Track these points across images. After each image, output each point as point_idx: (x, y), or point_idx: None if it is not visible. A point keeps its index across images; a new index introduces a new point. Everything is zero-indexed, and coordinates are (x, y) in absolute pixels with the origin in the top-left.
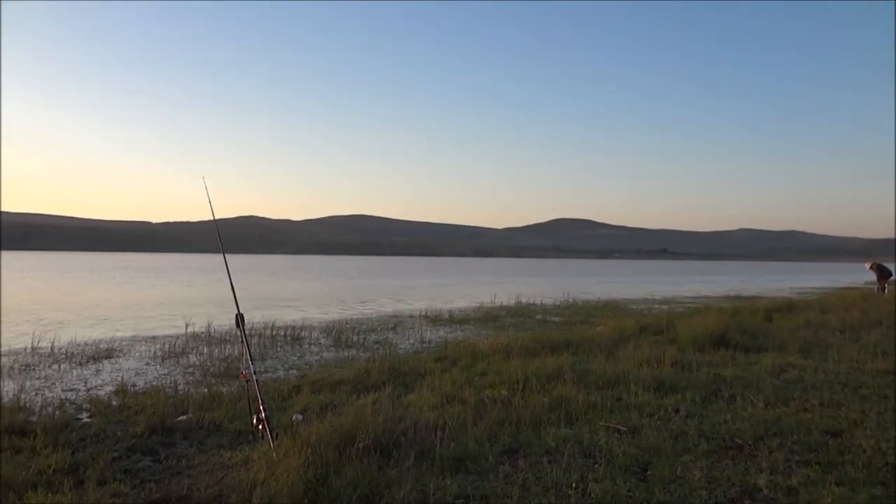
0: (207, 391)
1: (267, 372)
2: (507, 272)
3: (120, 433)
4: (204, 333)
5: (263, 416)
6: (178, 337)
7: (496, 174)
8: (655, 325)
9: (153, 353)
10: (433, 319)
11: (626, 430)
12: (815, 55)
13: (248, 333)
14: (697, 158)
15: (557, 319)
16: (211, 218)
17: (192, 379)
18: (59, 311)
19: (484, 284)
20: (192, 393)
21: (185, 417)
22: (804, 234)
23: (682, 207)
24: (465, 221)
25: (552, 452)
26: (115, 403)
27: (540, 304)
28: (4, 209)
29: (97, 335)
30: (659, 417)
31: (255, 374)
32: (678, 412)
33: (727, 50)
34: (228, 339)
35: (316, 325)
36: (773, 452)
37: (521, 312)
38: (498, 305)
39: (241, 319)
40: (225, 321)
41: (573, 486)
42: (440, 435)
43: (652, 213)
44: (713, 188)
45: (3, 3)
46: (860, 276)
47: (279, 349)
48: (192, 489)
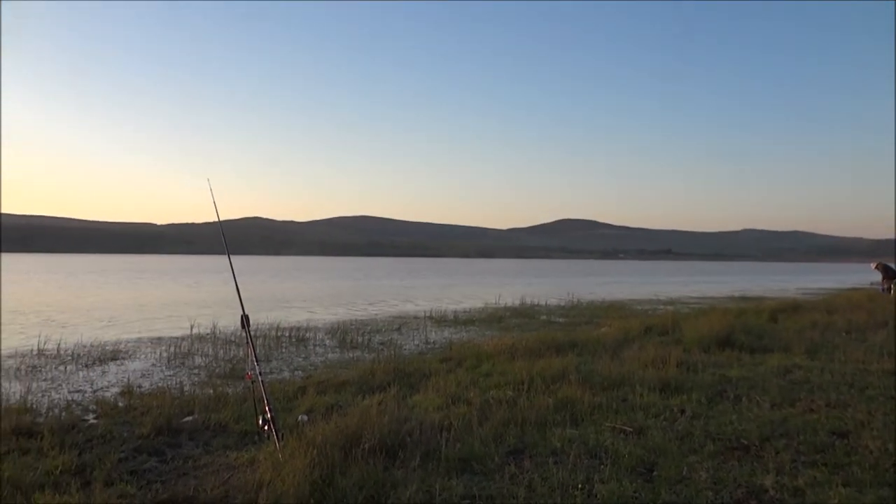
0: (213, 392)
1: (272, 373)
2: (510, 273)
3: (126, 434)
4: (209, 335)
5: (269, 416)
6: (183, 338)
7: (499, 175)
8: (660, 325)
9: (159, 354)
10: (438, 320)
11: (631, 430)
12: (817, 55)
13: (253, 334)
14: (701, 159)
15: (562, 320)
16: (215, 219)
17: (197, 380)
18: (65, 312)
19: (488, 285)
20: (197, 394)
21: (190, 418)
22: (809, 234)
23: (685, 208)
24: (468, 222)
25: (558, 453)
26: (121, 405)
27: (544, 304)
28: (5, 211)
29: (103, 337)
30: (665, 418)
31: (260, 375)
32: (684, 413)
33: (730, 50)
34: (234, 340)
35: (321, 326)
36: (779, 453)
37: (525, 313)
38: (502, 306)
39: (246, 320)
40: (230, 322)
41: (579, 486)
42: (445, 436)
43: (656, 213)
44: (717, 188)
45: (2, 3)
46: (865, 276)
47: (284, 350)
48: (198, 490)
